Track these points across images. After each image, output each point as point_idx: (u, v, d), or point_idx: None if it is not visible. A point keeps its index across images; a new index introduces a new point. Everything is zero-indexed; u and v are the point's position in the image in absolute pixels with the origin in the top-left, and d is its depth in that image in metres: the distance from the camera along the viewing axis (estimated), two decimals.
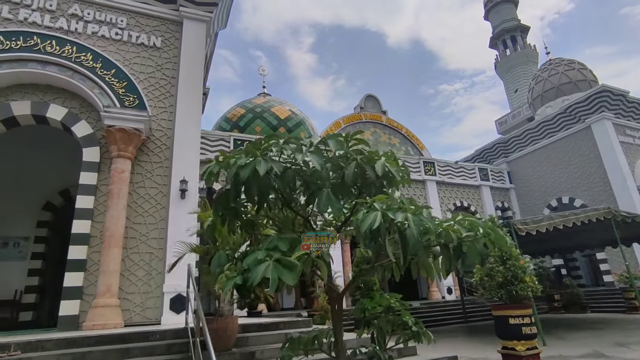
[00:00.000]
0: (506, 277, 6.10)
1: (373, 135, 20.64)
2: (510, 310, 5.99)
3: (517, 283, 6.01)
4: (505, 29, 36.33)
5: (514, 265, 6.17)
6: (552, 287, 17.84)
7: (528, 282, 6.08)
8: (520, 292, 5.96)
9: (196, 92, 10.16)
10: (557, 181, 21.16)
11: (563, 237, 13.24)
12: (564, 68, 22.94)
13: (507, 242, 2.49)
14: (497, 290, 6.17)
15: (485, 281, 6.37)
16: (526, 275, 6.14)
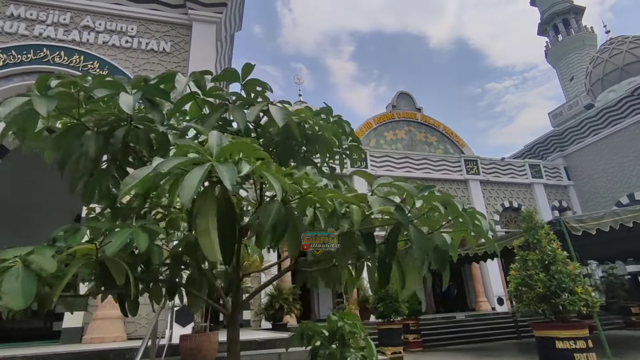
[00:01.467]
0: (549, 287, 4.80)
1: (407, 135, 19.35)
2: (557, 330, 4.69)
3: (564, 295, 4.69)
4: (556, 12, 33.20)
5: (560, 272, 4.85)
6: (628, 298, 15.31)
7: (580, 293, 4.72)
8: (569, 307, 4.63)
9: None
10: (627, 174, 18.44)
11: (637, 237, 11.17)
12: (629, 46, 20.16)
13: (485, 229, 1.51)
14: (537, 304, 4.87)
15: (522, 292, 5.10)
16: (577, 286, 4.79)
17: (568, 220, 6.71)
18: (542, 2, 35.52)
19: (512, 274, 5.32)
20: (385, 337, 7.94)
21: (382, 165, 17.67)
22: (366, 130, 18.54)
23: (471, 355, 9.64)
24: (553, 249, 5.12)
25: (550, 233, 5.59)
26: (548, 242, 5.27)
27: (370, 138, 18.60)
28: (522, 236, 5.83)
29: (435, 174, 18.31)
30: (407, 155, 18.27)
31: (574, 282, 4.82)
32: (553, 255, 4.99)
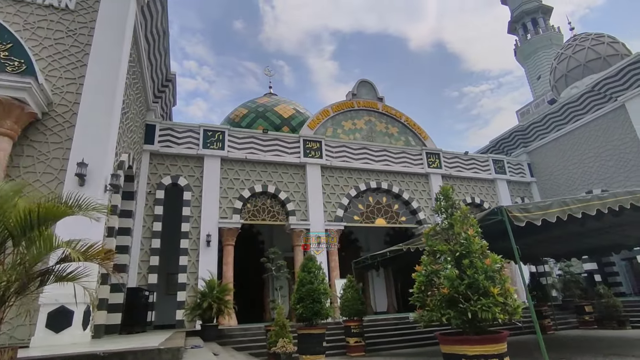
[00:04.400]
0: (457, 287, 3.76)
1: (367, 125, 18.38)
2: (464, 345, 3.68)
3: (477, 298, 3.66)
4: (525, 11, 33.16)
5: (473, 268, 3.80)
6: (582, 297, 14.90)
7: (496, 295, 3.69)
8: (481, 314, 3.60)
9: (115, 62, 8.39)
10: (587, 171, 18.17)
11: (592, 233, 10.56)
12: (591, 43, 19.92)
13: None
14: (441, 309, 3.84)
15: (425, 295, 4.06)
16: (493, 285, 3.75)
17: (511, 208, 5.79)
18: (512, 1, 35.48)
19: (419, 270, 4.28)
20: (304, 343, 6.86)
21: (339, 155, 16.64)
22: (323, 118, 17.44)
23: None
24: (467, 237, 4.11)
25: (469, 217, 4.61)
26: (463, 228, 4.26)
27: (326, 127, 17.51)
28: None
29: (395, 166, 17.45)
30: (366, 146, 17.32)
31: (491, 280, 3.81)
32: (467, 245, 3.98)
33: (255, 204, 15.14)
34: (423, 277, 4.19)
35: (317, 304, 6.80)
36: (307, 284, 6.91)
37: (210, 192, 14.16)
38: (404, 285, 19.93)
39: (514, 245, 5.38)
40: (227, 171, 14.90)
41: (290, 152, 15.96)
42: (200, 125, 14.93)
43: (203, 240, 13.42)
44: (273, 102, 24.48)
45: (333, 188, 16.26)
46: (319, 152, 16.25)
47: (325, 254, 15.01)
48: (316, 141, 16.44)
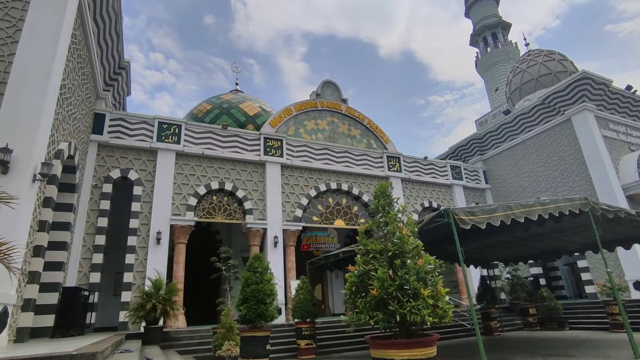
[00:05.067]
0: (388, 289, 3.69)
1: (330, 125, 18.34)
2: (393, 349, 3.58)
3: (406, 300, 3.56)
4: (486, 25, 34.67)
5: (405, 268, 3.70)
6: (528, 300, 15.59)
7: (426, 297, 3.60)
8: (409, 317, 3.49)
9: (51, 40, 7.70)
10: (535, 180, 19.10)
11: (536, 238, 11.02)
12: (544, 59, 21.04)
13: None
14: (370, 311, 3.72)
15: (357, 296, 3.91)
16: (425, 288, 3.66)
17: (457, 211, 5.85)
18: (474, 15, 36.95)
19: (352, 270, 4.15)
20: (247, 346, 6.59)
21: (300, 155, 16.45)
22: (285, 116, 17.20)
23: None
24: (401, 236, 4.03)
25: (407, 214, 4.56)
26: (398, 227, 4.18)
27: (289, 125, 17.29)
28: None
29: (356, 168, 17.50)
30: (328, 147, 17.25)
31: (423, 282, 3.73)
32: (400, 245, 3.89)
33: (211, 201, 14.63)
34: (355, 278, 4.05)
35: (261, 305, 6.53)
36: (253, 284, 6.64)
37: (163, 187, 13.50)
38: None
39: (458, 248, 5.42)
40: (183, 166, 14.29)
41: (250, 149, 15.57)
42: (155, 117, 14.23)
43: (153, 238, 12.76)
44: (239, 99, 23.94)
45: (293, 188, 16.05)
46: (279, 151, 15.98)
47: (281, 254, 14.77)
48: (277, 139, 16.16)
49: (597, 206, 7.71)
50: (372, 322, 3.63)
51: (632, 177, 15.85)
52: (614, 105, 17.98)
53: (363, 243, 4.33)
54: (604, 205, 7.94)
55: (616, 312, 11.69)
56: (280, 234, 14.95)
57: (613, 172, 16.05)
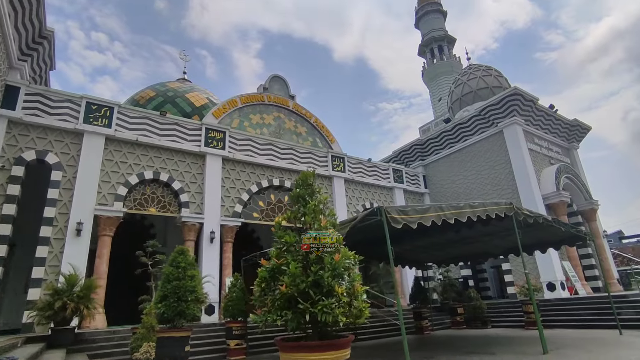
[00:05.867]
0: (298, 285, 3.45)
1: (276, 121, 18.00)
2: (303, 352, 3.35)
3: (318, 298, 3.38)
4: (433, 38, 36.34)
5: (320, 264, 3.45)
6: (457, 300, 16.41)
7: (341, 295, 3.39)
8: (321, 316, 3.27)
9: None
10: (469, 187, 20.23)
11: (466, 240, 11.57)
12: (482, 73, 22.42)
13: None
14: (279, 310, 3.45)
15: (267, 293, 3.64)
16: (341, 285, 3.46)
17: (389, 210, 5.85)
18: (423, 26, 38.57)
19: (264, 264, 3.90)
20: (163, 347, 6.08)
21: (243, 149, 15.91)
22: (230, 108, 16.56)
23: None
24: (319, 228, 3.87)
25: (329, 206, 4.44)
26: (317, 218, 4.00)
27: (233, 118, 16.67)
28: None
29: (300, 165, 17.30)
30: (272, 143, 16.88)
31: (339, 279, 3.59)
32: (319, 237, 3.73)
33: (144, 192, 13.62)
34: (266, 273, 3.77)
35: (182, 303, 6.04)
36: (174, 280, 6.13)
37: (88, 174, 12.29)
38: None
39: (389, 246, 5.40)
40: (113, 152, 13.15)
41: (190, 139, 14.75)
42: (82, 97, 12.94)
43: (72, 229, 11.55)
44: (185, 89, 22.72)
45: (234, 182, 15.47)
46: (221, 143, 15.33)
47: (218, 250, 14.16)
48: (220, 131, 15.48)
49: (520, 211, 8.20)
50: (279, 322, 3.37)
51: (550, 188, 17.33)
52: (539, 122, 19.60)
53: (278, 235, 4.06)
54: (525, 211, 8.48)
55: (531, 311, 12.65)
56: (217, 229, 14.32)
57: (535, 183, 17.45)
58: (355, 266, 3.80)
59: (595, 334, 10.51)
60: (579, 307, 13.63)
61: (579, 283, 16.44)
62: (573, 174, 19.13)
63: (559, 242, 12.06)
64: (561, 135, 21.03)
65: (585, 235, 11.61)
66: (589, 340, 9.31)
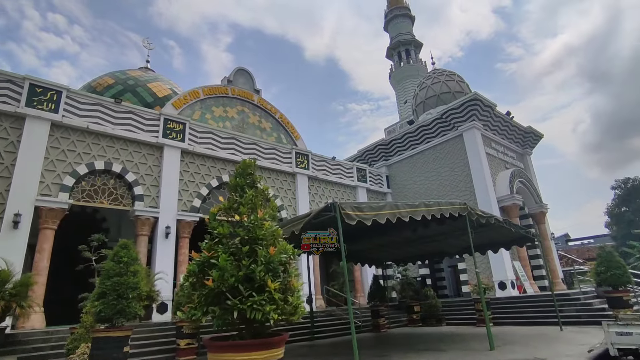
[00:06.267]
0: (228, 280, 3.17)
1: (240, 115, 17.57)
2: (231, 352, 3.15)
3: (249, 294, 3.09)
4: (401, 41, 36.99)
5: (253, 256, 3.21)
6: (414, 298, 16.74)
7: (274, 292, 3.18)
8: (250, 313, 3.05)
9: None
10: (429, 188, 20.72)
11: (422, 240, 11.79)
12: (446, 78, 23.04)
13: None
14: (205, 306, 3.21)
15: (194, 289, 3.41)
16: (274, 281, 3.22)
17: (344, 206, 5.78)
18: (392, 29, 39.18)
19: (195, 257, 3.67)
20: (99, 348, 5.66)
21: (204, 141, 15.38)
22: (191, 99, 15.97)
23: None
24: (255, 219, 3.67)
25: (270, 196, 4.28)
26: (254, 209, 3.79)
27: (194, 109, 16.09)
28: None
29: (263, 161, 16.99)
30: (235, 137, 16.45)
31: (272, 273, 3.35)
32: (252, 229, 3.51)
33: (94, 183, 12.82)
34: (195, 266, 3.53)
35: (122, 301, 5.63)
36: (115, 276, 5.72)
37: (28, 161, 11.37)
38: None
39: (341, 242, 5.31)
40: (60, 140, 12.27)
41: (146, 129, 14.05)
42: (25, 77, 11.96)
43: (8, 221, 10.65)
44: (148, 78, 21.71)
45: (193, 176, 14.92)
46: (181, 135, 14.73)
47: (173, 246, 13.60)
48: (180, 122, 14.87)
49: (474, 211, 8.41)
50: (203, 320, 3.15)
51: (505, 191, 18.08)
52: (496, 127, 20.40)
53: (212, 226, 3.82)
54: (479, 211, 8.71)
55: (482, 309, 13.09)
56: (173, 224, 13.75)
57: (491, 185, 18.13)
58: (294, 261, 3.63)
59: (539, 330, 11.03)
60: (526, 305, 14.30)
61: (527, 282, 17.26)
62: (526, 179, 20.06)
63: (510, 243, 12.56)
64: (516, 141, 22.02)
65: (534, 236, 12.17)
66: (534, 336, 9.74)
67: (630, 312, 10.94)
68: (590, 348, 6.68)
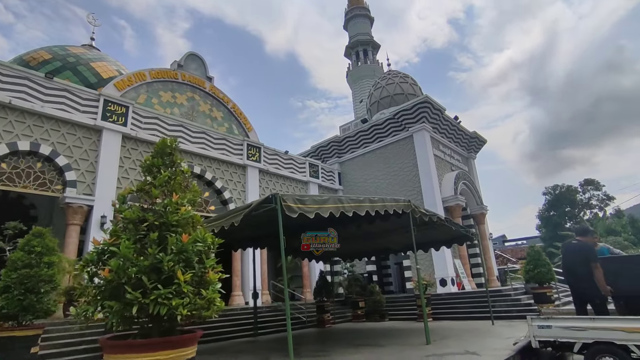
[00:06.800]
0: (128, 270, 2.81)
1: (190, 102, 16.76)
2: (130, 352, 2.74)
3: (153, 287, 2.75)
4: (359, 41, 37.47)
5: (163, 244, 2.95)
6: (360, 294, 16.99)
7: (184, 284, 2.83)
8: (156, 309, 2.71)
9: None
10: (379, 186, 21.11)
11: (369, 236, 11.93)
12: (400, 80, 23.61)
13: None
14: (102, 301, 2.82)
15: (92, 280, 3.01)
16: (186, 272, 2.90)
17: (285, 197, 5.60)
18: (351, 29, 39.55)
19: (95, 244, 3.27)
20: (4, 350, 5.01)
21: (149, 127, 14.47)
22: (136, 81, 14.95)
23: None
24: (169, 203, 3.33)
25: (191, 180, 3.97)
26: (169, 192, 3.44)
27: (139, 92, 15.09)
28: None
29: (212, 152, 16.35)
30: (184, 125, 15.65)
31: (185, 263, 2.94)
32: (163, 214, 3.18)
33: (16, 165, 11.58)
34: (94, 255, 3.14)
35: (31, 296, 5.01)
36: (23, 268, 5.09)
37: None
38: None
39: (281, 235, 5.14)
40: None
41: (83, 109, 12.94)
42: None
43: None
44: (92, 56, 20.01)
45: (134, 163, 13.99)
46: (123, 118, 13.73)
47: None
48: (122, 105, 13.85)
49: (417, 209, 8.59)
50: (96, 316, 2.80)
51: (450, 192, 18.88)
52: (445, 130, 21.24)
53: (119, 209, 3.40)
54: (422, 209, 8.92)
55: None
56: (110, 213, 12.78)
57: (437, 186, 18.85)
58: (211, 251, 3.33)
59: (474, 324, 11.59)
60: (464, 301, 15.03)
61: (466, 279, 18.18)
62: (469, 181, 21.10)
63: (451, 241, 13.09)
64: (462, 145, 23.09)
65: (473, 235, 12.77)
66: (468, 330, 10.19)
67: (552, 306, 11.86)
68: (515, 341, 7.06)
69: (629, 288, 5.75)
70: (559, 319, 5.78)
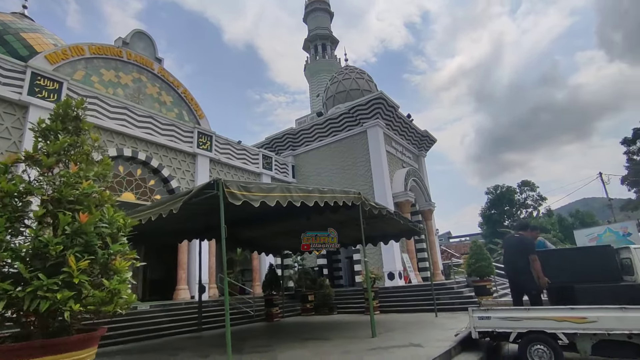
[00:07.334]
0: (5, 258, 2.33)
1: (135, 83, 15.64)
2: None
3: (33, 275, 2.28)
4: (318, 35, 37.33)
5: (53, 223, 2.49)
6: (310, 287, 16.91)
7: (77, 273, 2.36)
8: (34, 304, 2.18)
9: None
10: (332, 180, 21.14)
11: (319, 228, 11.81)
12: (356, 75, 23.76)
13: None
14: None
15: None
16: (84, 259, 2.42)
17: (228, 184, 5.28)
18: (311, 22, 39.28)
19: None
20: None
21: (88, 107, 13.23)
22: (73, 55, 13.65)
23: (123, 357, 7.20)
24: (66, 174, 2.74)
25: (101, 150, 3.51)
26: (67, 162, 2.84)
27: (77, 68, 13.80)
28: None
29: (160, 138, 15.40)
30: (128, 107, 14.56)
31: (81, 248, 2.43)
32: (59, 188, 2.60)
33: None
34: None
35: None
36: None
37: None
38: (154, 267, 17.97)
39: (222, 224, 4.82)
40: None
41: (5, 81, 11.55)
42: None
43: None
44: (23, 26, 17.91)
45: None
46: (56, 95, 12.46)
47: None
48: (55, 80, 12.56)
49: (367, 202, 8.59)
50: None
51: (400, 188, 19.33)
52: (397, 127, 21.71)
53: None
54: (372, 202, 8.94)
55: None
56: None
57: (389, 182, 19.21)
58: (123, 235, 2.86)
59: (419, 317, 11.91)
60: (410, 294, 15.46)
61: (413, 273, 18.75)
62: (419, 178, 21.75)
63: (399, 235, 13.36)
64: (413, 142, 23.76)
65: (420, 230, 13.12)
66: (413, 323, 10.43)
67: (491, 299, 12.52)
68: (456, 332, 7.27)
69: (558, 279, 6.09)
70: (497, 310, 5.99)
